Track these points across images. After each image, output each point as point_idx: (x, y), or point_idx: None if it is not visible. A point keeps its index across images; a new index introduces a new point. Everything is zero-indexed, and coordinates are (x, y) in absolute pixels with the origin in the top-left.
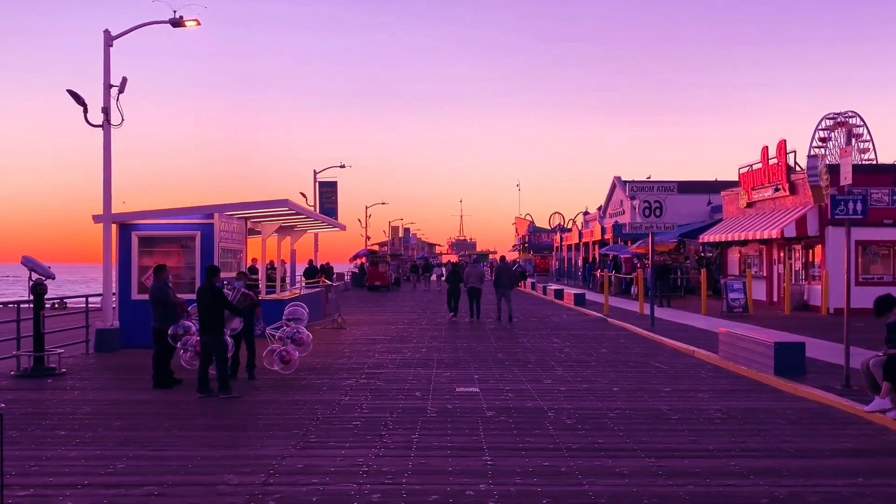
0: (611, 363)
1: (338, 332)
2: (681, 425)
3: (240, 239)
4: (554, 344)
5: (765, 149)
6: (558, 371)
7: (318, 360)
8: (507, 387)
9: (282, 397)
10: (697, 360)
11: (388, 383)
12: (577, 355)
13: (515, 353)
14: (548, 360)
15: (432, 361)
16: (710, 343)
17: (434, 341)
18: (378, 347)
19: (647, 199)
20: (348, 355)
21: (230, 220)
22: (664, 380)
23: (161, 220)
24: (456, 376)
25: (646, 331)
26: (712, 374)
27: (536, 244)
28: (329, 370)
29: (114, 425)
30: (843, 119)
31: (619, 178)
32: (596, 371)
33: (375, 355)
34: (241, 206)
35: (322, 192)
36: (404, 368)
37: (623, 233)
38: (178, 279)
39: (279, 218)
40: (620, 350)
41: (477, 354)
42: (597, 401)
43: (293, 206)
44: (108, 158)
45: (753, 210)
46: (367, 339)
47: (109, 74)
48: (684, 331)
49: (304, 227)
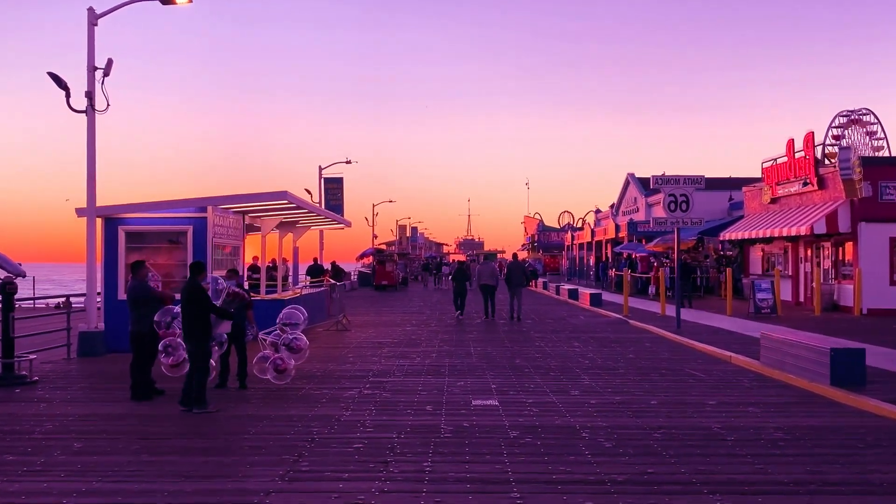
0: (641, 370)
1: (342, 335)
2: (740, 449)
3: (237, 235)
4: (575, 348)
5: (790, 142)
6: (585, 380)
7: (318, 367)
8: (529, 399)
9: (274, 412)
10: (736, 367)
11: (395, 394)
12: (603, 361)
13: (534, 359)
14: (571, 367)
15: (444, 368)
16: (744, 347)
17: (445, 345)
18: (384, 352)
19: (674, 192)
20: (352, 361)
21: (226, 215)
22: (705, 390)
23: (150, 213)
24: (471, 386)
25: (672, 333)
26: (756, 383)
27: (546, 243)
28: (330, 378)
29: (73, 448)
30: (857, 117)
31: (632, 175)
32: (626, 380)
33: (381, 361)
34: (237, 198)
35: (328, 188)
36: (413, 377)
37: (638, 230)
38: (169, 278)
39: (279, 213)
40: (648, 355)
41: (492, 360)
42: (635, 417)
43: (292, 198)
44: (93, 147)
45: (778, 206)
46: (373, 342)
47: (94, 56)
48: (713, 333)
49: (307, 224)
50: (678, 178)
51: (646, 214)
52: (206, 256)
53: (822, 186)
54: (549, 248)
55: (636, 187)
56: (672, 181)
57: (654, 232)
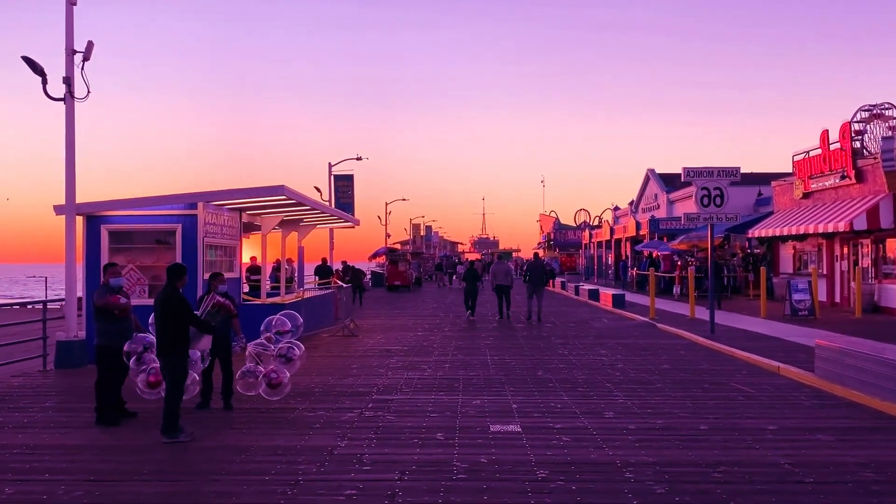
0: (681, 385)
1: (348, 341)
2: (826, 496)
3: (233, 234)
4: (602, 357)
5: (824, 133)
6: (618, 397)
7: (317, 381)
8: (557, 423)
9: (257, 440)
10: (787, 380)
11: (400, 417)
12: (635, 373)
13: (558, 370)
14: (601, 381)
15: (457, 382)
16: (790, 355)
17: (459, 352)
18: (392, 362)
19: (707, 185)
20: (355, 373)
21: (220, 212)
22: (759, 410)
23: (135, 210)
24: (489, 405)
25: (706, 339)
26: (817, 401)
27: (562, 242)
28: (329, 395)
29: (1, 495)
30: (879, 111)
31: (652, 171)
32: (666, 397)
33: (388, 373)
34: (229, 193)
35: (338, 185)
36: (423, 393)
37: (660, 228)
38: (157, 281)
39: (280, 210)
40: (685, 365)
41: (511, 372)
42: (685, 448)
43: (290, 193)
44: (72, 137)
45: (811, 201)
46: (381, 349)
47: (72, 38)
48: (752, 339)
49: (312, 222)
50: (711, 171)
51: (667, 211)
52: (197, 258)
53: (861, 180)
54: (566, 246)
55: (657, 183)
56: (705, 173)
57: (676, 229)
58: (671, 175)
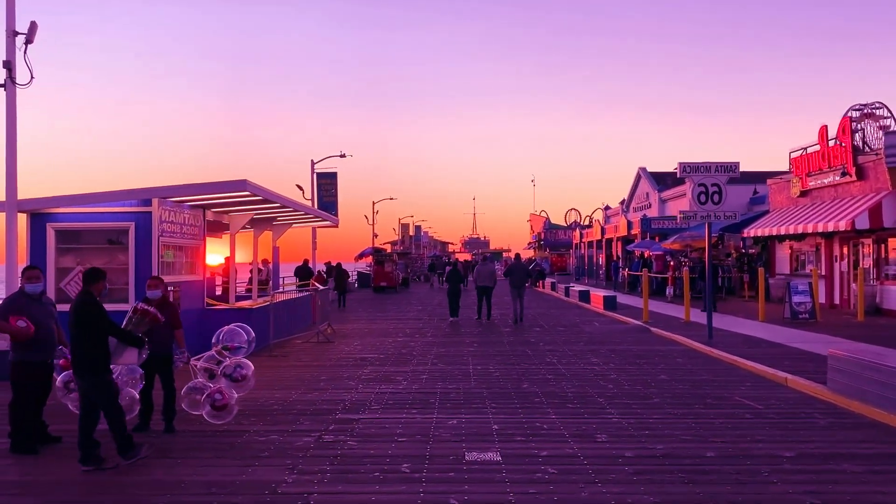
0: (681, 399)
1: (322, 348)
2: None
3: (195, 233)
4: (594, 365)
5: (823, 129)
6: (612, 415)
7: (278, 395)
8: (543, 450)
9: (190, 474)
10: (797, 394)
11: (364, 442)
12: (630, 385)
13: (546, 382)
14: (592, 395)
15: (434, 396)
16: (797, 364)
17: (439, 361)
18: (366, 373)
19: (704, 181)
20: (322, 386)
21: (179, 210)
22: (770, 431)
23: (85, 208)
24: (466, 427)
25: (704, 345)
26: (834, 420)
27: (553, 241)
28: (287, 413)
29: None
30: (870, 111)
31: (644, 170)
32: (665, 414)
33: (359, 386)
34: (187, 189)
35: (320, 183)
36: (394, 411)
37: (652, 227)
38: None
39: (248, 208)
40: (684, 375)
41: (494, 384)
42: (691, 484)
43: (254, 188)
44: (13, 127)
45: (808, 199)
46: (356, 357)
47: (14, 19)
48: (752, 345)
49: (287, 221)
50: (709, 166)
51: (659, 210)
52: (151, 259)
53: (862, 177)
54: (556, 246)
55: (648, 182)
56: (702, 169)
57: (669, 229)
58: (663, 174)
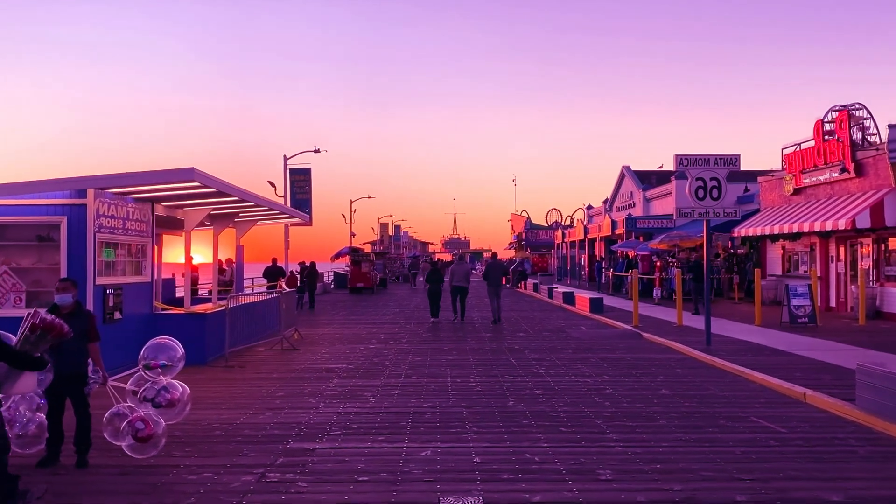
0: (690, 420)
1: (286, 357)
2: None
3: (142, 229)
4: (586, 378)
5: (818, 123)
6: (614, 442)
7: (225, 416)
8: (535, 494)
9: None
10: (821, 413)
11: (316, 484)
12: (629, 402)
13: (534, 399)
14: (588, 415)
15: (406, 418)
16: (811, 376)
17: (414, 373)
18: (330, 387)
19: (702, 175)
20: (277, 405)
21: (121, 203)
22: (803, 463)
23: (9, 199)
24: (442, 459)
25: (703, 353)
26: (873, 448)
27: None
28: (230, 441)
29: None
30: (850, 112)
31: (628, 168)
32: (676, 441)
33: (321, 405)
34: (127, 178)
35: (294, 180)
36: (357, 438)
37: (637, 227)
38: (39, 286)
39: (204, 202)
40: (688, 390)
41: (476, 401)
42: None
43: (204, 178)
44: None
45: (802, 197)
46: (321, 368)
47: None
48: (755, 352)
49: (252, 217)
50: (708, 158)
51: (643, 209)
52: (86, 257)
53: (861, 174)
54: (538, 246)
55: (632, 181)
56: (700, 161)
57: (654, 228)
58: (647, 172)
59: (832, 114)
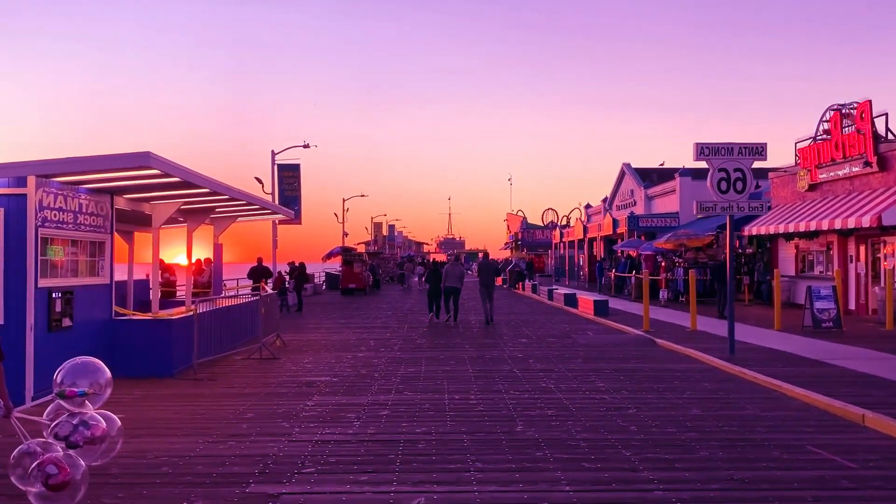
0: (736, 450)
1: (265, 367)
2: None
3: (98, 224)
4: (602, 392)
5: (836, 115)
6: (651, 483)
7: (176, 446)
8: None
9: None
10: (889, 441)
11: None
12: (657, 424)
13: (546, 421)
14: (613, 444)
15: (395, 448)
16: (863, 392)
17: (406, 387)
18: (309, 406)
19: (725, 166)
20: (244, 430)
21: (72, 194)
22: None
23: None
24: None
25: (727, 362)
26: None
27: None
28: (176, 482)
29: None
30: (848, 111)
31: (628, 166)
32: (727, 481)
33: (295, 429)
34: (70, 163)
35: (282, 176)
36: (334, 479)
37: (640, 225)
38: None
39: (172, 193)
40: (721, 408)
41: (478, 423)
42: None
43: (163, 164)
44: None
45: (818, 194)
46: (302, 381)
47: None
48: (786, 362)
49: (230, 213)
50: (731, 147)
51: (645, 207)
52: (26, 254)
53: (885, 167)
54: (534, 246)
55: (633, 179)
56: (723, 150)
57: (658, 227)
58: (648, 170)
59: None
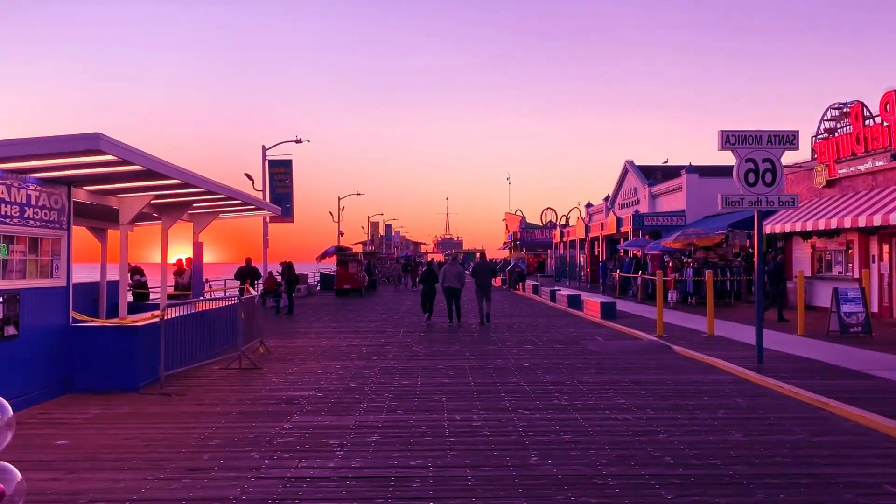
0: (801, 493)
1: (245, 379)
2: None
3: (52, 219)
4: (624, 411)
5: (857, 106)
6: None
7: (117, 485)
8: None
9: None
10: None
11: None
12: (697, 456)
13: (566, 451)
14: (650, 483)
15: (384, 490)
16: None
17: (400, 405)
18: (285, 430)
19: (753, 156)
20: (206, 462)
21: (18, 183)
22: None
23: None
24: None
25: (758, 373)
26: None
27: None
28: None
29: None
30: (849, 109)
31: (631, 163)
32: None
33: (264, 464)
34: (7, 145)
35: (273, 172)
36: None
37: (645, 224)
38: None
39: (140, 185)
40: (765, 432)
41: (484, 454)
42: None
43: (116, 149)
44: None
45: (837, 190)
46: (282, 397)
47: None
48: (820, 373)
49: (210, 208)
50: (759, 135)
51: (649, 206)
52: None
53: None
54: (533, 246)
55: (636, 176)
56: (750, 139)
57: (664, 226)
58: (651, 167)
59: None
